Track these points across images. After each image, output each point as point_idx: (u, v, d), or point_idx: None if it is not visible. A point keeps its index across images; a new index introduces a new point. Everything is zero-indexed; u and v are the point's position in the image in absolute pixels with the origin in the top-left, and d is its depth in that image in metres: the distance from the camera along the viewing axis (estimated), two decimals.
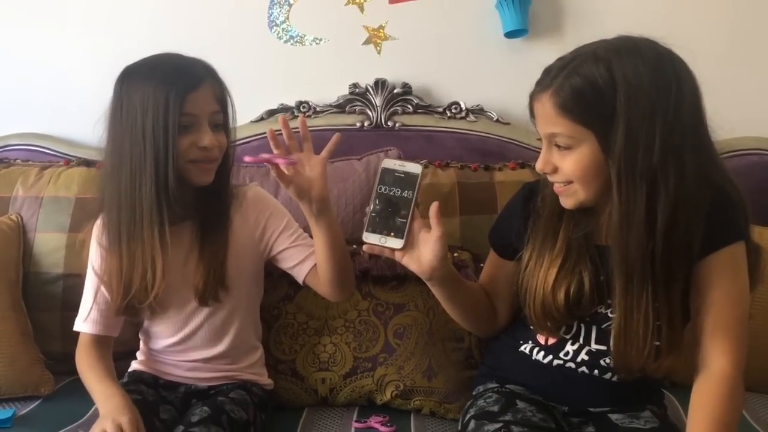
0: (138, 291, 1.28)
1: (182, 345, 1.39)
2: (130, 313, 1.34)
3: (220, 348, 1.39)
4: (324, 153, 1.25)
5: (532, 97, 1.14)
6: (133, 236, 1.27)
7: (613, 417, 1.21)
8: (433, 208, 1.13)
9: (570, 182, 1.13)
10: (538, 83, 1.13)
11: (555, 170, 1.13)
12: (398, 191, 1.14)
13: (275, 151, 1.23)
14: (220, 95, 1.32)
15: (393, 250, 1.14)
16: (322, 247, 1.29)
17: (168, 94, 1.23)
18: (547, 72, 1.12)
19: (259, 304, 1.49)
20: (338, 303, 1.52)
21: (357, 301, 1.54)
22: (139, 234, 1.26)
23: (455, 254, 1.57)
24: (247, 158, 1.22)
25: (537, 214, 1.22)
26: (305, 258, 1.38)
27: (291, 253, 1.39)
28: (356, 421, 1.43)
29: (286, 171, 1.22)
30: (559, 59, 1.12)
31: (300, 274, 1.39)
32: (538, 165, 1.15)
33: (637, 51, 1.07)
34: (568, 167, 1.11)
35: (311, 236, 1.34)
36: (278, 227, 1.40)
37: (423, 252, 1.14)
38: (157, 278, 1.27)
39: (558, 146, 1.11)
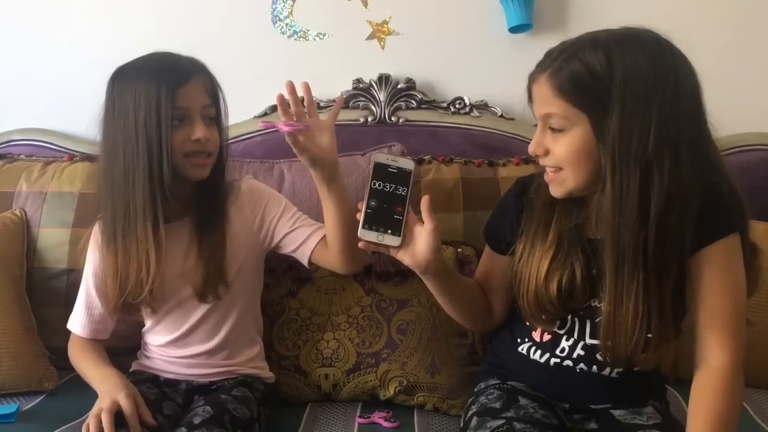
0: (133, 287, 1.29)
1: (183, 340, 1.39)
2: (128, 311, 1.35)
3: (217, 340, 1.39)
4: (330, 117, 1.26)
5: (531, 78, 1.15)
6: (127, 232, 1.28)
7: (616, 413, 1.21)
8: (425, 201, 1.14)
9: (560, 169, 1.13)
10: (539, 65, 1.14)
11: (546, 153, 1.14)
12: (392, 187, 1.15)
13: (283, 117, 1.22)
14: (211, 89, 1.33)
15: (390, 247, 1.14)
16: (333, 214, 1.29)
17: (159, 89, 1.23)
18: (549, 54, 1.13)
19: (260, 296, 1.49)
20: (341, 299, 1.52)
21: (360, 297, 1.54)
22: (133, 230, 1.27)
23: (459, 250, 1.57)
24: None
25: (530, 206, 1.23)
26: (307, 237, 1.38)
27: (293, 237, 1.39)
28: (359, 417, 1.43)
29: (299, 137, 1.21)
30: (562, 43, 1.13)
31: (304, 254, 1.38)
32: (531, 147, 1.15)
33: (638, 41, 1.08)
34: (560, 150, 1.11)
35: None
36: (276, 214, 1.40)
37: (417, 245, 1.15)
38: (150, 274, 1.27)
39: (552, 129, 1.12)
